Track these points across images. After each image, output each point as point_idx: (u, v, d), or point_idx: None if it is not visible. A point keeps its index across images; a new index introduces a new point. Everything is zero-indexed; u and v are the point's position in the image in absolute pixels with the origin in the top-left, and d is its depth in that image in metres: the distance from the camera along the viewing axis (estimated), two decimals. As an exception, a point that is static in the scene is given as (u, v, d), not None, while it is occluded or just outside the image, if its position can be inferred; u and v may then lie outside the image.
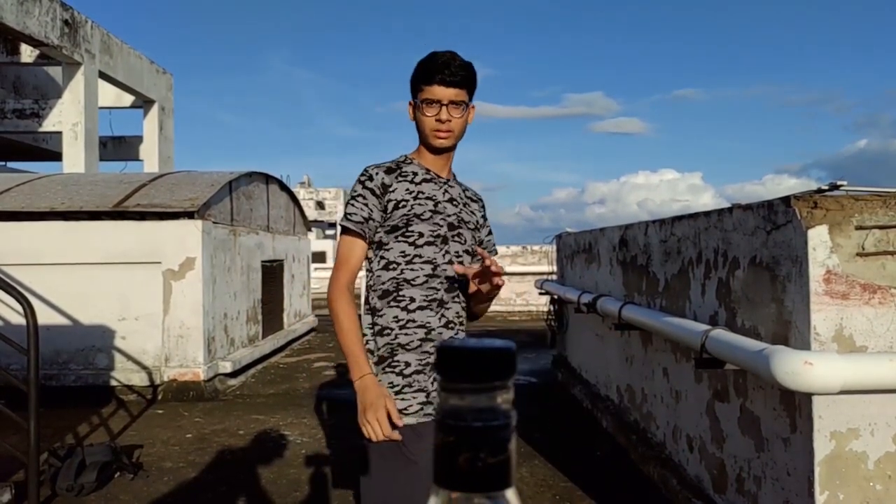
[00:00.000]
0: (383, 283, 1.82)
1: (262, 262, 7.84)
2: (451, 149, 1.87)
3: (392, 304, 1.80)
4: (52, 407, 4.95)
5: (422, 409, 1.77)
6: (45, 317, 5.17)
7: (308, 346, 8.83)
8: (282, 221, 8.93)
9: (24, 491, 3.15)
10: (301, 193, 32.21)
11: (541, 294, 6.51)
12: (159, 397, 5.73)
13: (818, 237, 2.05)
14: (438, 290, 1.81)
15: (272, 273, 8.28)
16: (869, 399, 2.03)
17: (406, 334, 1.79)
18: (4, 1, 9.74)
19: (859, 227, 2.06)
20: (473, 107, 1.86)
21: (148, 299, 5.90)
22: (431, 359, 1.76)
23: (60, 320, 5.80)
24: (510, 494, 0.39)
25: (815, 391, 1.95)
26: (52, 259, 5.84)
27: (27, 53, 12.59)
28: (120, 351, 5.89)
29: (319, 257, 17.83)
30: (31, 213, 5.98)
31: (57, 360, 5.79)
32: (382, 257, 1.82)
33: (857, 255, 2.06)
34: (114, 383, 5.77)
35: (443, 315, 1.81)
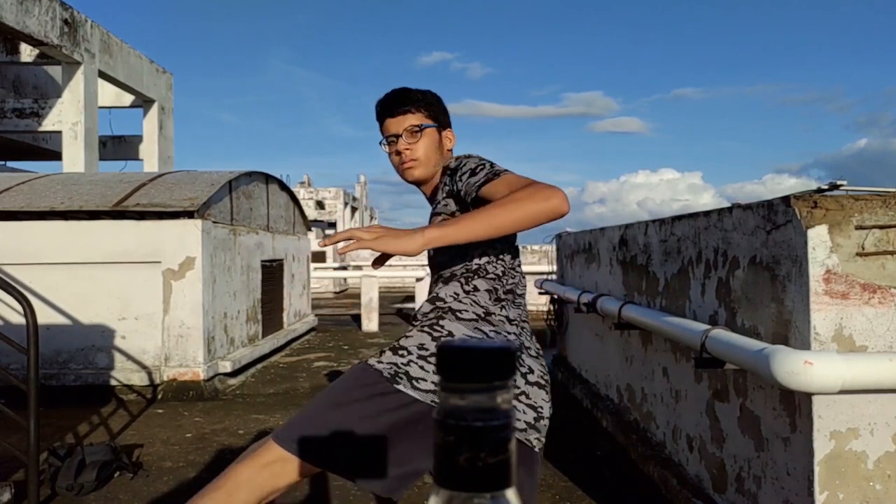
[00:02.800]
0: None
1: (262, 261, 7.84)
2: (430, 178, 1.82)
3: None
4: (52, 407, 4.95)
5: (429, 395, 1.60)
6: (45, 316, 5.17)
7: (308, 346, 8.83)
8: (282, 221, 8.93)
9: (24, 490, 3.15)
10: (301, 193, 32.22)
11: (540, 294, 6.50)
12: (159, 397, 5.73)
13: (818, 237, 2.05)
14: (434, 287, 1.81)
15: (272, 273, 8.28)
16: (869, 399, 2.03)
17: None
18: (4, 0, 9.73)
19: (859, 227, 2.06)
20: (444, 130, 1.83)
21: (148, 299, 5.90)
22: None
23: (60, 320, 5.80)
24: (510, 494, 0.39)
25: (815, 391, 1.95)
26: (52, 259, 5.84)
27: (27, 53, 12.59)
28: (120, 350, 5.89)
29: (319, 257, 17.83)
30: (31, 212, 5.98)
31: (57, 360, 5.79)
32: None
33: (857, 254, 2.06)
34: (114, 383, 5.77)
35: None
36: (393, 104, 1.80)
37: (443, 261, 1.78)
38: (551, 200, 1.47)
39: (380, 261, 1.63)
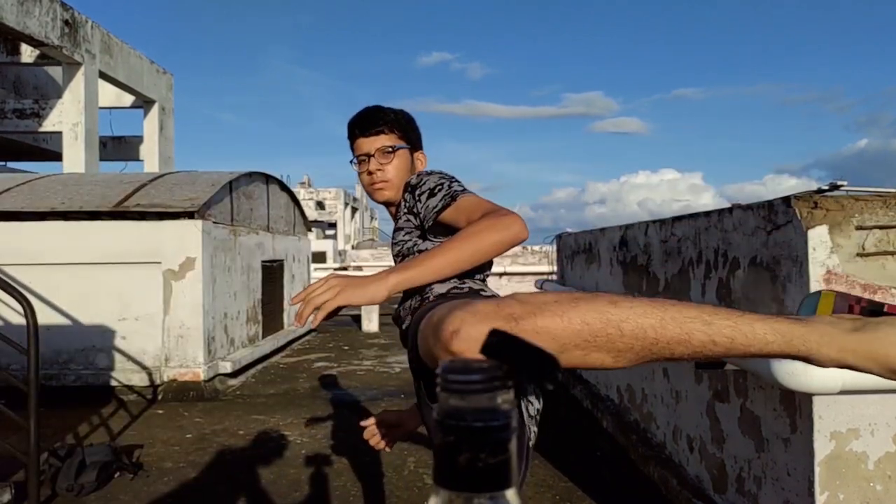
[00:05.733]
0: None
1: (263, 262, 7.84)
2: (400, 199, 1.76)
3: None
4: (52, 407, 4.95)
5: None
6: (45, 317, 5.17)
7: (308, 346, 8.83)
8: (282, 221, 8.93)
9: (24, 491, 3.15)
10: (301, 193, 32.23)
11: (541, 294, 6.49)
12: (159, 397, 5.73)
13: (818, 237, 2.05)
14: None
15: (272, 273, 8.28)
16: (869, 399, 2.03)
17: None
18: (4, 1, 9.74)
19: (859, 228, 2.06)
20: (416, 152, 1.80)
21: (148, 299, 5.90)
22: None
23: (60, 320, 5.80)
24: (510, 494, 0.39)
25: (815, 391, 1.95)
26: (52, 259, 5.85)
27: (27, 53, 12.60)
28: (120, 351, 5.89)
29: (319, 257, 17.83)
30: (31, 213, 5.98)
31: (57, 360, 5.79)
32: None
33: (858, 255, 2.06)
34: (114, 383, 5.77)
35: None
36: (366, 123, 1.75)
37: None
38: (511, 229, 1.42)
39: (330, 316, 1.38)
